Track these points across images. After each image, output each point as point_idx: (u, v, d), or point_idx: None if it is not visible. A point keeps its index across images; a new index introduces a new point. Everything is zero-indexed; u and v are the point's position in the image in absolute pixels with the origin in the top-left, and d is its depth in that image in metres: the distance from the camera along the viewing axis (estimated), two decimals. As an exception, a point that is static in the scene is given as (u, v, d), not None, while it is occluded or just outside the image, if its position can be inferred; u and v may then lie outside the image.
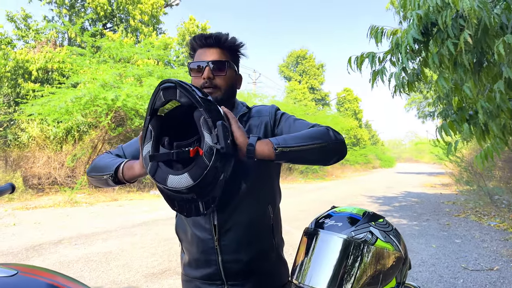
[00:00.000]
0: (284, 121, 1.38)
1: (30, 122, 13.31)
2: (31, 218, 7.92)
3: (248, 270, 1.34)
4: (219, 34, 1.35)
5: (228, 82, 1.36)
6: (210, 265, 1.34)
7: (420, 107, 26.67)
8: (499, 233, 6.78)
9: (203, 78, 1.31)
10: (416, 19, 3.10)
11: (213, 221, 1.32)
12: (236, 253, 1.32)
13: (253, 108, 1.45)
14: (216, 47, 1.35)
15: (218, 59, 1.33)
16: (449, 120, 3.60)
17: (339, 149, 1.22)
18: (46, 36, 16.14)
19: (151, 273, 4.51)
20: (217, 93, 1.33)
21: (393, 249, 1.04)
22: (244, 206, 1.32)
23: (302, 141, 1.15)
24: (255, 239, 1.35)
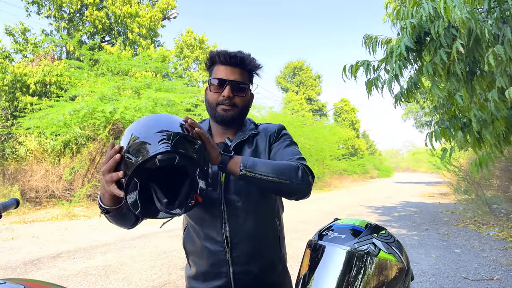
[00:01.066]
0: (279, 143, 1.45)
1: (28, 135, 13.31)
2: (29, 232, 7.88)
3: (256, 282, 1.37)
4: (243, 55, 1.40)
5: (245, 102, 1.44)
6: (220, 277, 1.36)
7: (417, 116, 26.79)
8: (498, 242, 6.78)
9: (223, 96, 1.37)
10: (410, 27, 3.15)
11: (225, 233, 1.34)
12: (247, 264, 1.35)
13: (260, 125, 1.52)
14: (239, 67, 1.40)
15: (240, 80, 1.39)
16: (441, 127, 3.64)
17: (301, 190, 1.26)
18: (44, 50, 16.22)
19: (151, 286, 4.49)
20: (233, 111, 1.40)
21: (395, 260, 1.05)
22: (253, 218, 1.36)
23: (269, 171, 1.21)
24: (265, 251, 1.39)
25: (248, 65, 1.41)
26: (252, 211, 1.35)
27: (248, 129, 1.47)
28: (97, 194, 12.80)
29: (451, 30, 3.00)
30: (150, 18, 18.94)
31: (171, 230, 7.72)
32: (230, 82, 1.37)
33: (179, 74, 21.48)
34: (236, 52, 1.40)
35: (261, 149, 1.43)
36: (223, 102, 1.37)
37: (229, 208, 1.34)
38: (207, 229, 1.37)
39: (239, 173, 1.18)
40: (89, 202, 12.35)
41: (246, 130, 1.46)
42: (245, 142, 1.43)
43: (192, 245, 1.43)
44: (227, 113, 1.39)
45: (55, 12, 17.34)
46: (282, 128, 1.52)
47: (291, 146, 1.44)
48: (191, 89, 15.61)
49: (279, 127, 1.51)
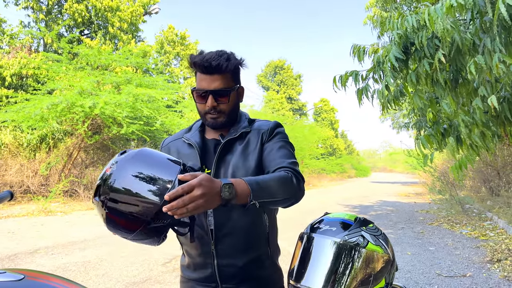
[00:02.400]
0: (272, 143, 1.44)
1: (3, 128, 12.96)
2: (4, 228, 7.71)
3: (242, 275, 1.39)
4: (218, 61, 1.34)
5: (232, 106, 1.43)
6: (207, 268, 1.40)
7: (395, 118, 27.34)
8: (470, 240, 7.03)
9: (207, 106, 1.38)
10: (397, 37, 3.26)
11: (209, 226, 1.38)
12: (231, 258, 1.38)
13: (255, 122, 1.52)
14: (217, 73, 1.36)
15: (221, 88, 1.37)
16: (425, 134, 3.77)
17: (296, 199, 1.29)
18: (21, 42, 15.82)
19: (132, 282, 4.48)
20: (221, 118, 1.41)
21: (382, 252, 1.12)
22: (239, 214, 1.37)
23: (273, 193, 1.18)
24: (250, 246, 1.40)
25: (226, 69, 1.36)
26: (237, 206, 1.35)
27: (241, 127, 1.46)
28: (74, 189, 12.59)
29: (434, 41, 3.13)
30: (132, 12, 18.72)
31: (151, 227, 7.69)
32: (211, 92, 1.36)
33: (160, 70, 21.29)
34: (212, 57, 1.35)
35: (252, 148, 1.43)
36: (209, 112, 1.39)
37: None
38: (196, 221, 1.39)
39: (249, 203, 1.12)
40: (66, 198, 12.14)
41: (239, 128, 1.46)
42: (236, 139, 1.44)
43: (184, 236, 1.46)
44: (216, 121, 1.41)
45: (33, 3, 16.94)
46: (277, 126, 1.50)
47: (285, 147, 1.43)
48: (172, 85, 15.51)
49: (274, 125, 1.49)
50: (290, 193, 1.23)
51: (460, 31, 2.79)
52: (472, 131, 3.29)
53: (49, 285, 1.11)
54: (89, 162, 14.44)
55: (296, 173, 1.29)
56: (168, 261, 5.40)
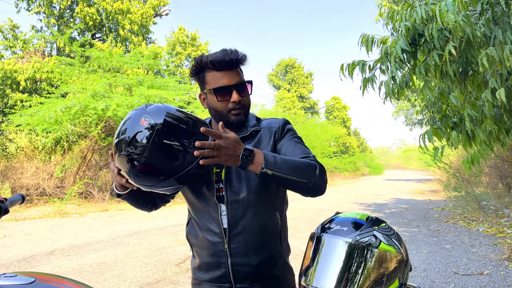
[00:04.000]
0: (287, 140, 1.45)
1: (19, 132, 13.19)
2: (21, 230, 7.83)
3: (256, 274, 1.39)
4: (236, 55, 1.38)
5: (250, 99, 1.46)
6: (220, 268, 1.39)
7: (408, 114, 27.05)
8: (487, 238, 6.91)
9: (233, 102, 1.38)
10: (404, 30, 3.21)
11: (222, 225, 1.38)
12: (245, 256, 1.37)
13: (263, 121, 1.53)
14: (235, 68, 1.39)
15: (242, 81, 1.40)
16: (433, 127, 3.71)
17: (318, 189, 1.30)
18: (34, 46, 16.07)
19: (146, 283, 4.51)
20: (243, 112, 1.42)
21: (395, 252, 1.10)
22: (252, 211, 1.37)
23: (289, 170, 1.22)
24: (264, 244, 1.40)
25: (242, 63, 1.41)
26: (251, 204, 1.37)
27: (250, 125, 1.47)
28: (88, 191, 12.75)
29: (444, 32, 3.07)
30: (142, 14, 18.84)
31: (163, 228, 7.74)
32: (235, 87, 1.37)
33: (171, 71, 21.41)
34: (227, 54, 1.38)
35: (263, 145, 1.44)
36: (234, 108, 1.38)
37: (229, 202, 1.37)
38: (207, 221, 1.41)
39: (260, 171, 1.18)
40: (81, 199, 12.29)
41: (249, 126, 1.46)
42: (246, 138, 1.45)
43: (195, 237, 1.47)
44: (240, 117, 1.41)
45: (45, 8, 17.18)
46: (286, 123, 1.51)
47: (301, 143, 1.45)
48: (183, 86, 15.57)
49: (284, 122, 1.50)
50: (308, 178, 1.25)
51: (472, 23, 2.73)
52: (479, 125, 3.22)
53: (59, 288, 1.11)
54: (102, 164, 14.60)
55: (319, 165, 1.32)
56: (182, 261, 5.42)
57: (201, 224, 1.42)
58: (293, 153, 1.39)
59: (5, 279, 1.07)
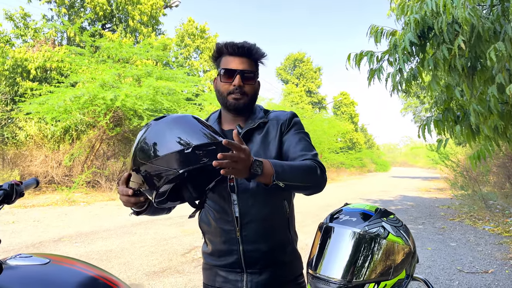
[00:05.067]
0: (292, 134, 1.50)
1: (28, 120, 13.31)
2: (30, 216, 7.94)
3: (266, 260, 1.44)
4: (250, 45, 1.46)
5: (254, 90, 1.50)
6: (232, 254, 1.44)
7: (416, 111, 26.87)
8: (493, 237, 6.88)
9: (233, 85, 1.43)
10: (413, 23, 3.20)
11: (234, 214, 1.43)
12: (256, 243, 1.43)
13: (271, 113, 1.57)
14: (246, 57, 1.46)
15: (249, 69, 1.46)
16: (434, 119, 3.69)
17: (318, 188, 1.36)
18: (45, 35, 16.15)
19: (152, 271, 4.57)
20: (244, 99, 1.46)
21: (403, 243, 1.11)
22: (262, 200, 1.42)
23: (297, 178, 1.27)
24: (273, 231, 1.46)
25: (254, 55, 1.47)
26: (261, 193, 1.41)
27: (258, 117, 1.52)
28: (96, 180, 12.86)
29: (454, 26, 3.05)
30: (152, 5, 18.84)
31: (170, 218, 7.79)
32: (239, 72, 1.43)
33: (180, 63, 21.43)
34: (243, 42, 1.46)
35: (271, 137, 1.48)
36: (233, 92, 1.44)
37: (240, 191, 1.42)
38: (220, 210, 1.46)
39: (272, 182, 1.20)
40: (89, 188, 12.42)
41: (256, 118, 1.52)
42: (255, 130, 1.49)
43: (207, 225, 1.51)
44: (238, 102, 1.45)
45: (56, -3, 17.23)
46: (294, 116, 1.56)
47: (304, 139, 1.49)
48: (192, 78, 15.60)
49: (291, 115, 1.55)
50: (313, 182, 1.32)
51: (481, 17, 2.71)
52: (485, 121, 3.21)
53: (73, 269, 1.14)
54: (110, 154, 14.71)
55: (319, 164, 1.37)
56: (188, 251, 5.47)
57: (214, 212, 1.47)
58: (295, 148, 1.44)
59: (21, 259, 1.10)
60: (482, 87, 3.45)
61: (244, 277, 1.44)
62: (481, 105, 3.25)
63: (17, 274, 1.05)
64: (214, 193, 1.45)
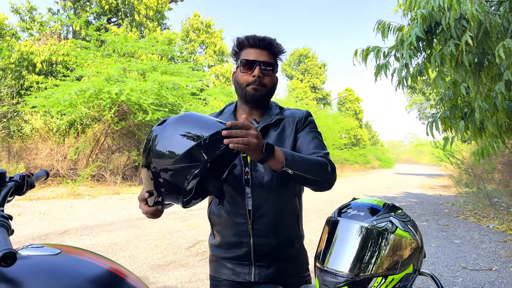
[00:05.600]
0: (306, 132, 1.53)
1: (34, 114, 13.38)
2: (35, 209, 8.00)
3: (275, 254, 1.46)
4: (271, 39, 1.50)
5: (273, 83, 1.52)
6: (242, 247, 1.46)
7: (422, 108, 26.76)
8: (497, 234, 6.87)
9: (253, 76, 1.45)
10: (420, 18, 3.18)
11: (247, 207, 1.44)
12: (267, 237, 1.45)
13: (286, 110, 1.60)
14: (266, 50, 1.48)
15: (269, 61, 1.48)
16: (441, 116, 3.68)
17: (327, 185, 1.39)
18: (51, 29, 16.18)
19: (157, 264, 4.60)
20: (262, 91, 1.48)
21: (410, 238, 1.12)
22: (275, 195, 1.45)
23: (306, 170, 1.30)
24: (284, 226, 1.48)
25: (274, 48, 1.49)
26: (274, 188, 1.44)
27: (274, 113, 1.55)
28: (101, 174, 12.93)
29: (461, 22, 3.03)
30: (158, 0, 18.82)
31: (174, 212, 7.83)
32: (259, 63, 1.45)
33: (185, 57, 21.42)
34: (264, 36, 1.50)
35: (287, 134, 1.51)
36: (253, 82, 1.46)
37: (254, 185, 1.44)
38: (233, 202, 1.47)
39: (281, 168, 1.23)
40: (93, 182, 12.48)
41: (273, 114, 1.54)
42: (271, 126, 1.51)
43: (217, 217, 1.52)
44: (257, 92, 1.47)
45: (62, -9, 17.25)
46: (309, 115, 1.59)
47: (317, 138, 1.52)
48: (196, 73, 15.59)
49: (306, 114, 1.58)
50: (322, 177, 1.34)
51: (489, 13, 2.70)
52: (490, 117, 3.19)
53: (84, 260, 1.16)
54: (115, 148, 14.76)
55: (330, 162, 1.40)
56: (192, 245, 5.50)
57: (227, 204, 1.48)
58: (308, 146, 1.47)
59: (32, 249, 1.11)
60: (490, 84, 3.43)
61: (252, 269, 1.46)
62: (487, 101, 3.23)
63: (29, 263, 1.06)
64: (229, 186, 1.46)
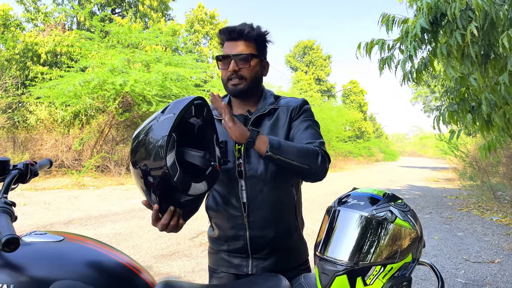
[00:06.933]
0: (300, 121, 1.48)
1: (39, 104, 13.43)
2: (41, 199, 8.07)
3: (272, 246, 1.44)
4: (242, 27, 1.42)
5: (253, 73, 1.45)
6: (239, 240, 1.45)
7: (426, 101, 26.61)
8: (501, 227, 6.86)
9: (229, 71, 1.42)
10: (426, 8, 3.15)
11: (242, 199, 1.42)
12: (263, 229, 1.43)
13: (281, 99, 1.55)
14: (241, 39, 1.42)
15: (242, 52, 1.41)
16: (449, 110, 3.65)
17: (317, 175, 1.36)
18: (55, 20, 16.18)
19: (161, 254, 4.64)
20: (243, 84, 1.43)
21: (410, 228, 1.13)
22: (270, 186, 1.41)
23: (293, 156, 1.29)
24: (280, 218, 1.45)
25: (248, 35, 1.41)
26: (269, 180, 1.41)
27: (268, 103, 1.49)
28: (105, 165, 13.00)
29: (467, 12, 3.00)
30: (162, -10, 18.75)
31: (178, 203, 7.87)
32: (233, 57, 1.40)
33: (189, 49, 21.37)
34: (236, 25, 1.43)
35: (281, 124, 1.46)
36: (231, 77, 1.42)
37: (248, 177, 1.41)
38: (228, 195, 1.44)
39: (265, 153, 1.27)
40: (98, 173, 12.56)
41: (266, 104, 1.49)
42: (265, 116, 1.47)
43: (214, 210, 1.50)
44: (236, 87, 1.43)
45: (66, -19, 17.20)
46: (305, 103, 1.53)
47: (312, 127, 1.47)
48: (200, 64, 15.57)
49: (302, 102, 1.52)
50: (309, 165, 1.31)
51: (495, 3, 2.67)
52: (497, 110, 3.17)
53: (86, 247, 1.17)
54: (119, 139, 14.82)
55: (323, 152, 1.35)
56: (195, 236, 5.54)
57: (222, 198, 1.46)
58: (302, 135, 1.42)
59: (36, 236, 1.13)
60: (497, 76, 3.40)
61: (250, 262, 1.45)
62: (494, 94, 3.21)
63: (32, 250, 1.08)
64: (223, 179, 1.44)
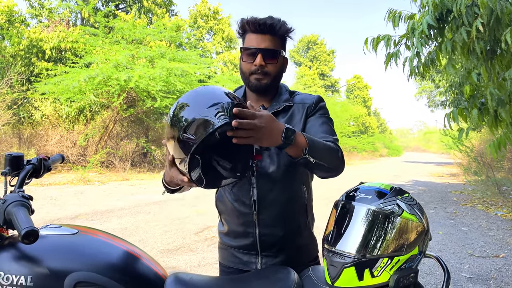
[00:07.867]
0: (316, 117, 1.45)
1: (44, 100, 13.50)
2: (47, 194, 8.14)
3: (282, 244, 1.44)
4: (272, 21, 1.37)
5: (278, 69, 1.43)
6: (248, 237, 1.44)
7: (431, 96, 26.49)
8: (505, 222, 6.86)
9: (255, 65, 1.37)
10: (432, 5, 3.15)
11: (253, 197, 1.41)
12: (272, 227, 1.42)
13: (296, 95, 1.52)
14: (269, 34, 1.37)
15: (271, 48, 1.37)
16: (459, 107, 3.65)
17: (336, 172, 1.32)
18: (60, 16, 16.21)
19: (167, 249, 4.68)
20: (266, 79, 1.40)
21: (417, 221, 1.15)
22: (281, 185, 1.41)
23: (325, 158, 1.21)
24: (291, 216, 1.45)
25: (278, 31, 1.38)
26: (280, 178, 1.40)
27: (283, 99, 1.47)
28: (110, 160, 13.07)
29: (473, 9, 3.00)
30: (165, -14, 18.74)
31: (183, 199, 7.92)
32: (261, 51, 1.35)
33: (193, 44, 21.37)
34: (265, 18, 1.38)
35: (296, 121, 1.44)
36: (255, 72, 1.38)
37: (259, 174, 1.40)
38: (238, 192, 1.43)
39: (303, 156, 1.15)
40: (103, 168, 12.63)
41: (281, 100, 1.47)
42: (279, 113, 1.45)
43: (224, 206, 1.51)
44: (260, 82, 1.40)
45: (70, -23, 17.22)
46: (320, 100, 1.51)
47: (327, 123, 1.45)
48: (204, 60, 15.57)
49: (318, 98, 1.50)
50: (334, 164, 1.27)
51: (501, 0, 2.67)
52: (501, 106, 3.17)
53: (100, 239, 1.21)
54: (124, 135, 14.88)
55: (340, 149, 1.33)
56: (200, 230, 5.58)
57: (232, 194, 1.45)
58: (317, 131, 1.39)
59: (51, 229, 1.16)
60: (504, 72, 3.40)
61: (259, 259, 1.44)
62: (501, 90, 3.20)
63: (49, 242, 1.11)
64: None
